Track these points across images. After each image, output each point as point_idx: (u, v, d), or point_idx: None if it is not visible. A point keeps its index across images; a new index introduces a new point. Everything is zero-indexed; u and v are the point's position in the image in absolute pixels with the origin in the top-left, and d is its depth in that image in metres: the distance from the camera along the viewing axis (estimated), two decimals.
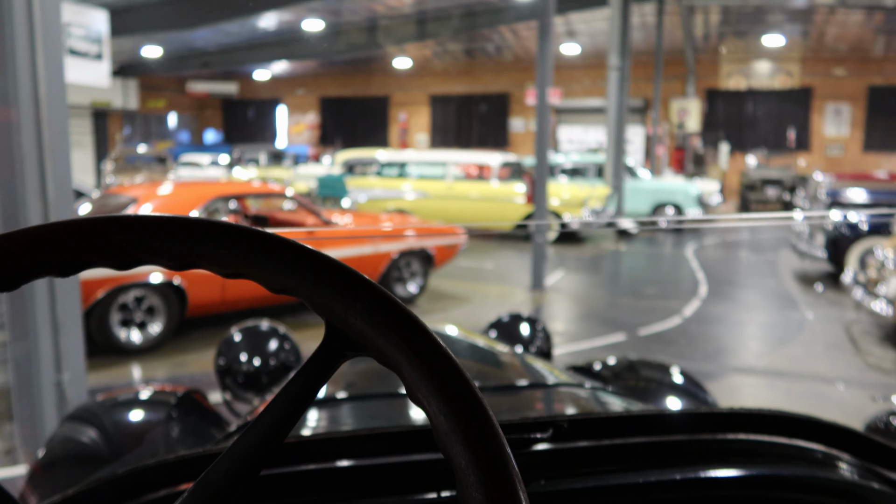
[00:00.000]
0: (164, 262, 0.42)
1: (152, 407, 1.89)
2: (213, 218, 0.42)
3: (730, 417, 0.89)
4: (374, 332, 0.41)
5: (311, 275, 0.42)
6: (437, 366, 0.39)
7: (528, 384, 1.50)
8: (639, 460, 0.83)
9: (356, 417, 1.33)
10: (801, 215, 8.69)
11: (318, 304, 0.42)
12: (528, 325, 2.46)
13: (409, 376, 0.40)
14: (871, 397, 3.91)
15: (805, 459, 0.88)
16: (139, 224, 0.41)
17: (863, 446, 0.90)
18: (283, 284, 0.42)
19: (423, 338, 0.40)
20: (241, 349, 2.21)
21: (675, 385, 2.09)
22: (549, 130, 7.63)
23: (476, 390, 0.39)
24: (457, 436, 0.38)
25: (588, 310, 6.78)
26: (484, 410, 0.39)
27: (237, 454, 0.42)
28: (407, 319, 0.41)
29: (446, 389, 0.39)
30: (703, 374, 4.50)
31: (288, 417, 0.42)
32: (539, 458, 0.81)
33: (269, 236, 0.42)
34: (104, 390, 3.55)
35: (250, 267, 0.42)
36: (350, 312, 0.41)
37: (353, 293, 0.41)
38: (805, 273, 8.43)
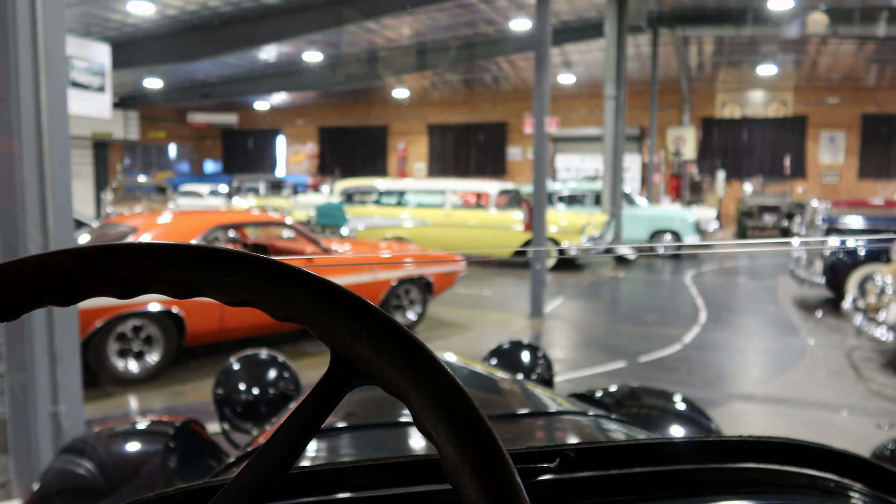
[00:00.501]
0: (167, 290, 0.41)
1: (149, 438, 1.87)
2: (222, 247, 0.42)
3: (739, 446, 0.87)
4: (381, 360, 0.40)
5: (317, 302, 0.41)
6: (445, 395, 0.39)
7: (531, 412, 1.48)
8: (647, 490, 0.82)
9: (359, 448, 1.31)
10: (799, 241, 8.70)
11: (323, 331, 0.41)
12: (528, 352, 2.45)
13: (416, 405, 0.39)
14: (877, 425, 3.88)
15: (817, 489, 0.86)
16: (142, 252, 0.41)
17: (875, 475, 0.89)
18: (287, 312, 0.41)
19: (431, 366, 0.40)
20: (239, 378, 2.19)
21: (678, 412, 2.07)
22: (546, 159, 7.68)
23: (485, 420, 0.39)
24: (466, 467, 0.37)
25: (588, 337, 6.75)
26: (494, 441, 0.38)
27: (241, 485, 0.41)
28: (414, 347, 0.40)
29: (455, 419, 0.38)
30: (705, 402, 4.47)
31: (293, 448, 0.41)
32: (546, 489, 0.79)
33: (274, 263, 0.42)
34: (101, 421, 3.51)
35: (255, 295, 0.41)
36: (356, 340, 0.40)
37: (359, 321, 0.41)
38: (804, 299, 8.42)
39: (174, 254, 0.41)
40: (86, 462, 1.78)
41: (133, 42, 14.99)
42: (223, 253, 0.41)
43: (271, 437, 0.42)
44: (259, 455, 0.41)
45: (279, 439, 0.41)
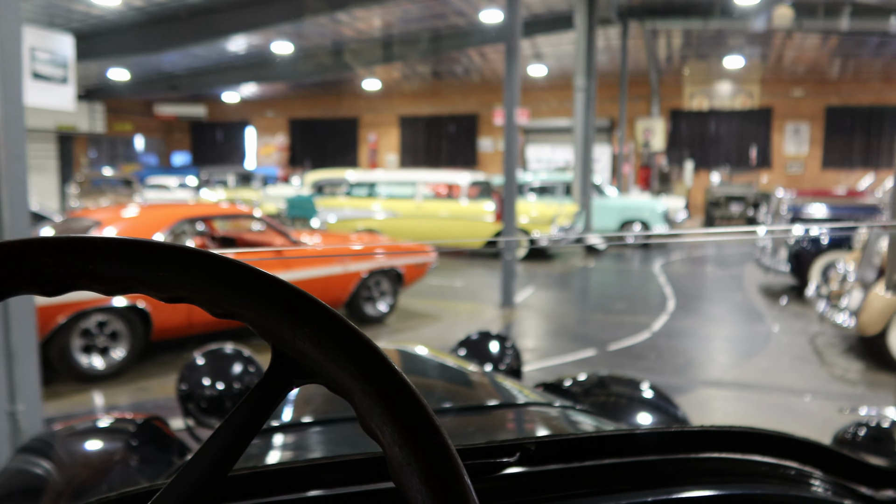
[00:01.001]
0: (97, 287, 0.39)
1: (111, 436, 1.83)
2: (154, 240, 0.40)
3: (702, 436, 0.87)
4: (324, 357, 0.38)
5: (257, 297, 0.39)
6: (391, 393, 0.37)
7: (496, 404, 1.48)
8: (610, 482, 0.81)
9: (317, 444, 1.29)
10: (765, 229, 8.86)
11: (264, 328, 0.39)
12: (497, 342, 2.45)
13: (361, 405, 0.38)
14: (839, 409, 3.97)
15: (778, 477, 0.87)
16: (68, 246, 0.38)
17: (835, 462, 0.90)
18: (227, 309, 0.39)
19: (376, 364, 0.38)
20: (203, 373, 2.16)
21: (645, 400, 2.09)
22: (516, 150, 7.69)
23: (434, 419, 0.37)
24: (412, 468, 0.36)
25: (558, 326, 6.80)
26: (442, 440, 0.37)
27: (177, 491, 0.39)
28: (360, 344, 0.39)
29: (401, 418, 0.37)
30: (673, 388, 4.53)
31: (231, 450, 0.39)
32: (506, 484, 0.78)
33: (212, 257, 0.39)
34: (61, 420, 3.44)
35: (192, 291, 0.39)
36: (298, 337, 0.39)
37: (301, 316, 0.39)
38: (769, 287, 8.57)
39: (104, 248, 0.38)
40: (44, 462, 1.74)
41: (98, 33, 14.66)
42: (156, 246, 0.39)
43: (209, 439, 0.40)
44: (196, 458, 0.39)
45: (217, 441, 0.40)
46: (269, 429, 1.34)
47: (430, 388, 1.68)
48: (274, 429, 1.33)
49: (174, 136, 27.88)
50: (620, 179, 17.44)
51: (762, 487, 0.83)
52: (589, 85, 12.53)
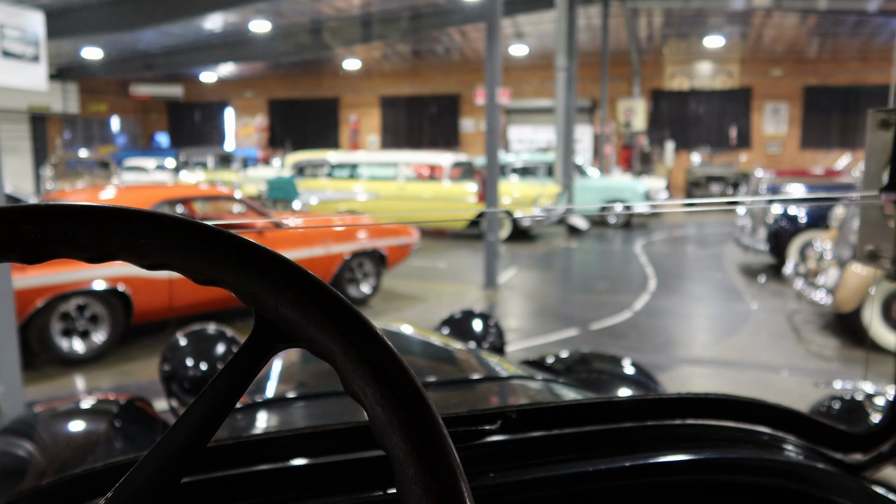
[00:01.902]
0: (78, 253, 0.38)
1: (93, 416, 1.82)
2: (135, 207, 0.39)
3: (678, 403, 0.89)
4: (307, 321, 0.39)
5: (239, 263, 0.39)
6: (372, 354, 0.38)
7: (478, 378, 1.49)
8: (588, 449, 0.83)
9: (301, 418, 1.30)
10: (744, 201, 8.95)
11: (246, 293, 0.39)
12: (480, 321, 2.46)
13: (343, 367, 0.38)
14: (814, 383, 4.05)
15: (752, 442, 0.89)
16: (49, 213, 0.37)
17: (807, 427, 0.92)
18: (209, 275, 0.39)
19: (358, 326, 0.38)
20: (186, 354, 2.15)
21: (626, 376, 2.12)
22: (498, 130, 7.67)
23: (415, 379, 0.38)
24: (394, 427, 0.36)
25: (541, 306, 6.84)
26: (423, 400, 0.37)
27: (158, 459, 0.39)
28: (341, 307, 0.39)
29: (383, 379, 0.37)
30: (654, 366, 4.58)
31: (213, 417, 0.39)
32: (488, 451, 0.79)
33: (194, 223, 0.39)
34: (42, 402, 3.41)
35: (173, 257, 0.39)
36: (280, 301, 0.39)
37: (283, 281, 0.39)
38: (749, 265, 8.68)
39: (85, 214, 0.38)
40: (25, 443, 1.73)
41: (70, 10, 14.32)
42: (137, 213, 0.39)
43: (191, 405, 0.40)
44: (178, 425, 0.39)
45: (198, 409, 0.39)
46: (254, 404, 1.34)
47: (415, 365, 1.68)
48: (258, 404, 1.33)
49: (151, 117, 27.45)
50: (602, 160, 17.49)
51: (736, 452, 0.86)
52: (570, 65, 12.51)
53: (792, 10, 15.91)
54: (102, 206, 0.39)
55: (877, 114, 1.00)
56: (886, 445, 0.92)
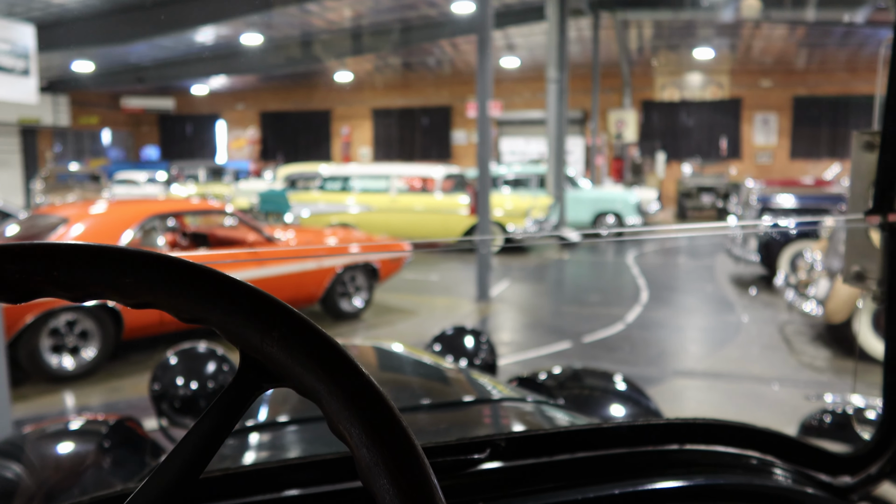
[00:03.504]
0: (63, 294, 0.39)
1: (82, 438, 1.81)
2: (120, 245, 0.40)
3: (667, 428, 0.89)
4: (292, 360, 0.39)
5: (224, 302, 0.39)
6: (358, 395, 0.38)
7: (469, 400, 1.49)
8: (578, 476, 0.83)
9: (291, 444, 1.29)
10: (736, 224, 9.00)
11: (231, 332, 0.39)
12: (472, 337, 2.46)
13: (328, 407, 0.38)
14: (805, 396, 4.06)
15: (741, 467, 0.89)
16: (32, 253, 0.38)
17: (796, 451, 0.92)
18: (193, 314, 0.39)
19: (344, 366, 0.38)
20: (177, 373, 2.14)
21: (618, 393, 2.12)
22: (490, 142, 7.70)
23: (401, 420, 0.38)
24: (380, 468, 0.36)
25: (533, 319, 6.85)
26: (409, 441, 0.37)
27: (147, 496, 0.39)
28: (327, 346, 0.39)
29: (368, 420, 0.37)
30: (647, 379, 4.59)
31: (201, 454, 0.40)
32: (477, 480, 0.79)
33: (178, 262, 0.39)
34: (31, 422, 3.38)
35: (158, 296, 0.39)
36: (266, 340, 0.39)
37: (268, 320, 0.39)
38: (740, 276, 8.72)
39: (68, 254, 0.38)
40: (14, 465, 1.71)
41: (60, 23, 14.32)
42: (122, 252, 0.39)
43: (178, 444, 0.40)
44: (166, 463, 0.39)
45: (186, 447, 0.40)
46: (244, 429, 1.33)
47: (405, 385, 1.68)
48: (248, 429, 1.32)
49: (142, 130, 27.41)
50: (594, 171, 17.56)
51: (725, 477, 0.86)
52: (561, 76, 12.58)
53: (780, 22, 16.08)
54: (87, 245, 0.39)
55: (861, 136, 1.00)
56: (874, 468, 0.92)
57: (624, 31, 17.97)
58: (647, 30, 18.48)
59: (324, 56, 19.69)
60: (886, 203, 0.95)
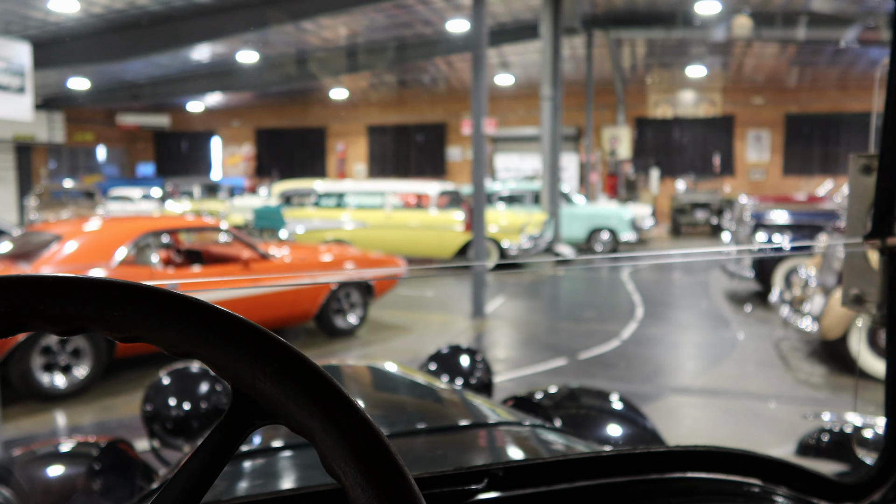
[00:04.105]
0: (50, 327, 0.38)
1: (73, 460, 1.78)
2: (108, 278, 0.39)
3: (668, 456, 0.88)
4: (286, 397, 0.38)
5: (215, 336, 0.38)
6: (353, 433, 0.37)
7: (465, 425, 1.47)
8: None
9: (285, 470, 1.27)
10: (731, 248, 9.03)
11: (223, 368, 0.38)
12: (467, 356, 2.44)
13: (323, 445, 0.37)
14: (803, 415, 4.05)
15: (743, 495, 0.88)
16: (19, 286, 0.37)
17: (797, 478, 0.91)
18: (184, 348, 0.38)
19: (339, 403, 0.38)
20: (169, 393, 2.11)
21: (615, 412, 2.11)
22: (485, 159, 7.72)
23: (397, 459, 0.37)
24: None
25: (529, 336, 6.83)
26: (405, 481, 0.36)
27: None
28: (321, 383, 0.38)
29: (364, 459, 0.36)
30: (642, 396, 4.57)
31: (191, 496, 0.38)
32: None
33: (168, 295, 0.38)
34: (21, 443, 3.34)
35: (147, 331, 0.38)
36: (258, 377, 0.38)
37: (261, 355, 0.38)
38: (735, 293, 8.73)
39: (56, 287, 0.37)
40: (3, 489, 1.68)
41: (56, 41, 14.37)
42: (110, 285, 0.38)
43: (167, 483, 0.38)
44: None
45: (176, 487, 0.38)
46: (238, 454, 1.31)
47: (399, 407, 1.66)
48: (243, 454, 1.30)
49: (137, 147, 27.43)
50: (588, 187, 17.63)
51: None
52: (555, 94, 12.66)
53: (771, 41, 16.25)
54: (74, 278, 0.38)
55: (858, 159, 1.00)
56: (877, 495, 0.91)
57: (617, 49, 18.13)
58: (640, 48, 18.65)
59: (319, 73, 19.78)
60: (885, 227, 0.94)
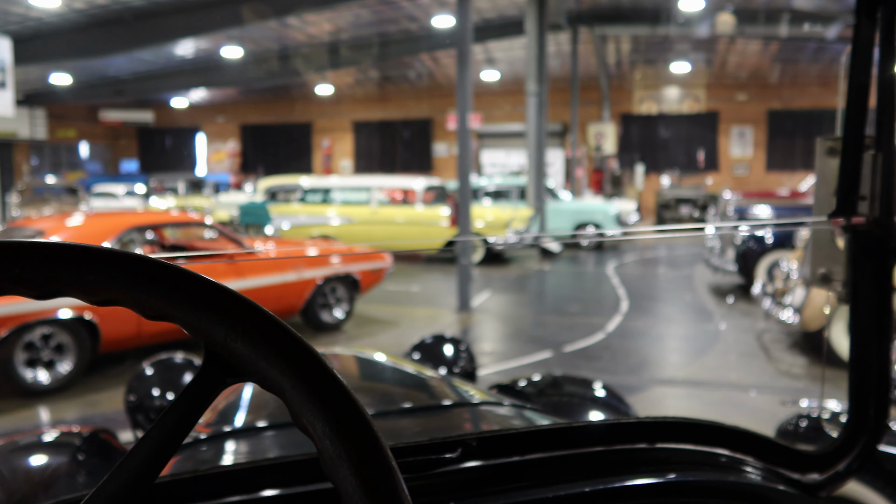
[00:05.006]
0: (25, 291, 0.38)
1: (55, 450, 1.78)
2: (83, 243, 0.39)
3: (639, 427, 0.90)
4: (256, 355, 0.39)
5: (188, 297, 0.39)
6: (322, 388, 0.38)
7: (445, 404, 1.49)
8: (549, 475, 0.83)
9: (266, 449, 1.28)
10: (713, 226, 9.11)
11: (196, 328, 0.39)
12: (451, 345, 2.46)
13: (292, 400, 0.38)
14: (782, 402, 4.11)
15: (712, 465, 0.90)
16: None
17: (765, 449, 0.94)
18: (158, 310, 0.39)
19: (308, 360, 0.39)
20: (152, 384, 2.12)
21: (596, 399, 2.13)
22: (470, 154, 7.74)
23: (364, 412, 0.38)
24: (342, 460, 0.37)
25: (514, 329, 6.86)
26: (371, 432, 0.37)
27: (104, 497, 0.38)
28: (291, 341, 0.39)
29: (332, 412, 0.37)
30: (627, 388, 4.61)
31: (160, 453, 0.39)
32: (448, 479, 0.79)
33: (141, 258, 0.39)
34: (4, 434, 3.32)
35: (122, 293, 0.39)
36: (230, 336, 0.39)
37: (233, 316, 0.39)
38: (718, 286, 8.81)
39: (30, 252, 0.38)
40: None
41: (37, 36, 14.20)
42: (84, 249, 0.38)
43: (138, 442, 0.39)
44: (124, 462, 0.39)
45: (146, 445, 0.39)
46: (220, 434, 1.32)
47: (385, 391, 1.68)
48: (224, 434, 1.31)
49: (121, 143, 27.18)
50: (573, 183, 17.69)
51: (696, 475, 0.87)
52: (541, 90, 12.69)
53: (754, 37, 16.37)
54: (49, 243, 0.39)
55: (825, 142, 1.03)
56: (842, 465, 0.94)
57: (602, 45, 18.19)
58: (625, 44, 18.72)
59: (304, 69, 19.69)
60: (849, 206, 0.97)
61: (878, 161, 0.93)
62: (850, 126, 0.96)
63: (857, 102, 0.93)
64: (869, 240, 0.94)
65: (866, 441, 0.94)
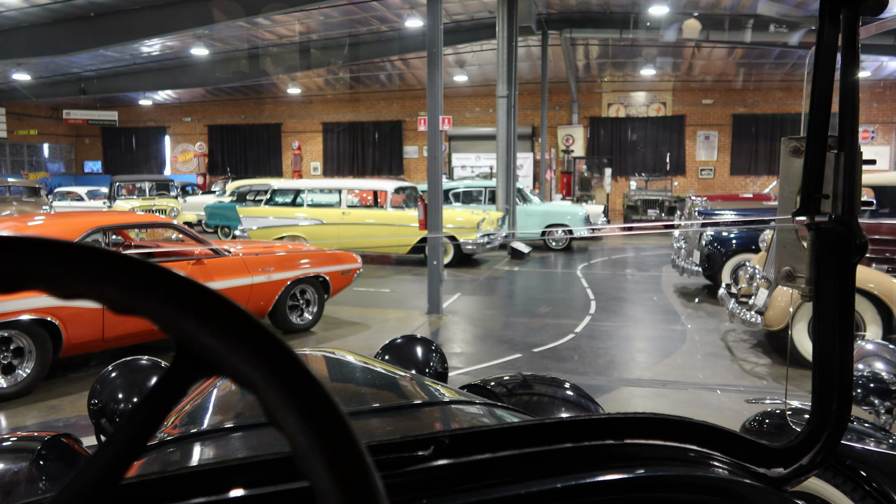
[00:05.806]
0: None
1: (14, 456, 1.73)
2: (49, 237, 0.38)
3: (608, 423, 0.91)
4: (227, 350, 0.38)
5: (157, 292, 0.38)
6: (294, 382, 0.37)
7: (416, 403, 1.49)
8: (521, 471, 0.84)
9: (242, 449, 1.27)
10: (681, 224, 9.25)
11: (165, 323, 0.38)
12: (421, 346, 2.46)
13: (265, 395, 0.37)
14: (746, 400, 4.19)
15: (680, 460, 0.92)
16: None
17: (732, 444, 0.95)
18: (127, 304, 0.38)
19: (279, 354, 0.38)
20: (117, 387, 2.07)
21: (566, 398, 2.15)
22: (440, 157, 7.74)
23: (337, 407, 0.37)
24: (316, 455, 0.36)
25: (485, 331, 6.88)
26: (345, 427, 0.37)
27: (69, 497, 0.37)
28: (263, 335, 0.38)
29: (304, 407, 0.37)
30: (595, 388, 4.66)
31: (128, 452, 0.38)
32: (420, 477, 0.79)
33: (107, 252, 0.38)
34: None
35: (89, 286, 0.37)
36: (201, 330, 0.38)
37: (203, 309, 0.38)
38: (685, 287, 8.94)
39: None
40: None
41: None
42: (51, 243, 0.37)
43: (106, 440, 0.38)
44: (92, 460, 0.38)
45: (114, 444, 0.38)
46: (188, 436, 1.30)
47: (355, 391, 1.67)
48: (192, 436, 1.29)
49: (84, 143, 26.63)
50: (543, 185, 17.82)
51: (665, 469, 0.88)
52: (511, 93, 12.76)
53: (719, 43, 16.69)
54: (15, 236, 0.37)
55: (789, 142, 1.05)
56: (805, 459, 0.96)
57: (571, 49, 18.38)
58: (594, 48, 18.93)
59: (273, 70, 19.52)
60: (813, 204, 0.99)
61: (841, 160, 0.95)
62: (813, 125, 0.98)
63: (820, 102, 0.95)
64: (832, 238, 0.96)
65: (829, 435, 0.96)
